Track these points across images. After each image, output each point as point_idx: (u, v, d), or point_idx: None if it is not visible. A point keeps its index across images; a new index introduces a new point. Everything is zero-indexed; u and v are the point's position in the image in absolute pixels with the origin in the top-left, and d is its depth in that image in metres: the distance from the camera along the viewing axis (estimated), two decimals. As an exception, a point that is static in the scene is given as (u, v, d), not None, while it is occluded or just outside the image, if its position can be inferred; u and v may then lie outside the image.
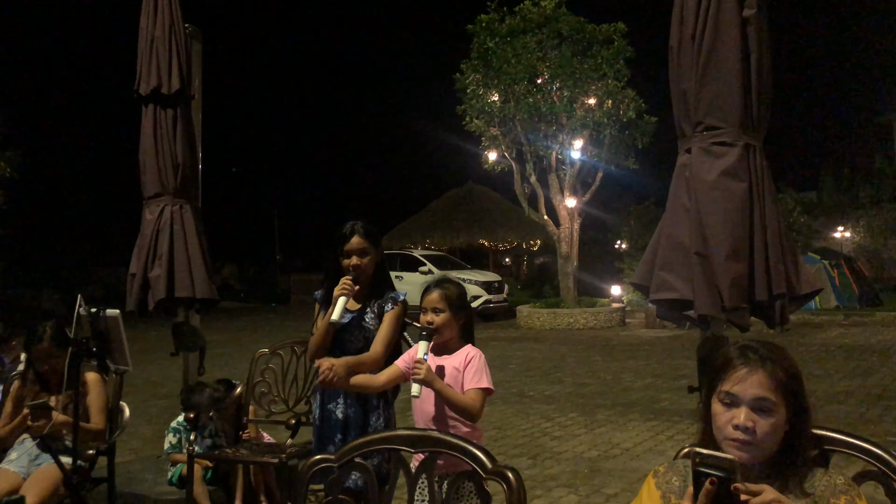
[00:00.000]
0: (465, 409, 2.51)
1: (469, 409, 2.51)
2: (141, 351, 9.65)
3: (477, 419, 2.55)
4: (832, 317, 15.35)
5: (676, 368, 9.67)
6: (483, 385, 2.55)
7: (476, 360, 2.59)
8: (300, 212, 54.21)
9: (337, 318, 2.83)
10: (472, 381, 2.55)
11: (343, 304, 2.85)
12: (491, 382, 2.59)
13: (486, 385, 2.56)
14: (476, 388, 2.54)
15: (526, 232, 24.02)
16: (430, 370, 2.53)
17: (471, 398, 2.53)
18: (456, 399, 2.52)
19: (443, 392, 2.52)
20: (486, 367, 2.61)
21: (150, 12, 4.12)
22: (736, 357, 1.54)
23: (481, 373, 2.57)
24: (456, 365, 2.60)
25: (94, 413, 3.53)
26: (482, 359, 2.61)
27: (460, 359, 2.61)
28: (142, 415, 6.98)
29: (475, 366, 2.58)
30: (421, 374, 2.50)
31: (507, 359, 11.10)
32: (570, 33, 15.41)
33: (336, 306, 2.83)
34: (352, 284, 2.88)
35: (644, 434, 6.18)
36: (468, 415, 2.52)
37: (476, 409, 2.52)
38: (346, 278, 2.88)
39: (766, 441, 1.48)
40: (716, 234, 2.54)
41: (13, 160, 17.68)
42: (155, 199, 4.06)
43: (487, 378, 2.57)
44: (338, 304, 2.83)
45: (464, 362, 2.59)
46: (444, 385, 2.54)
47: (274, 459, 3.64)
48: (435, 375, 2.54)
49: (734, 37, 2.59)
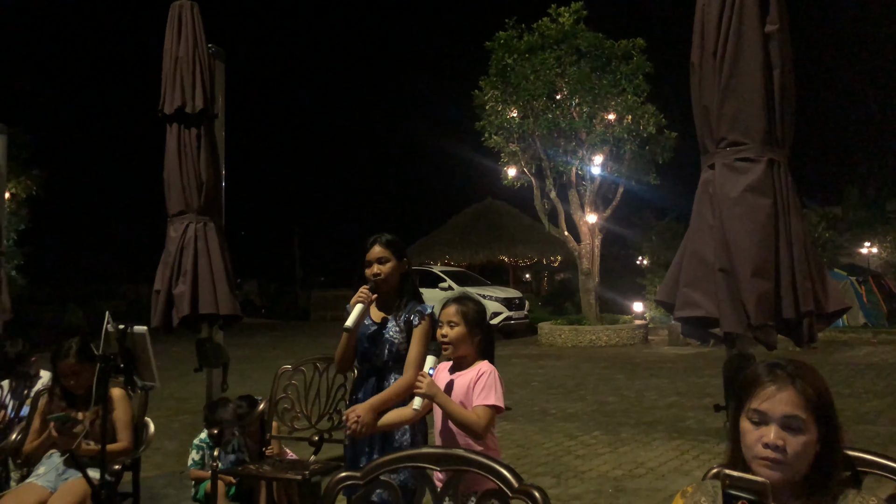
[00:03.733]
0: (468, 425, 2.47)
1: (472, 426, 2.46)
2: (164, 367, 9.72)
3: (482, 437, 2.48)
4: (860, 334, 15.07)
5: (701, 386, 9.55)
6: (490, 402, 2.49)
7: (486, 377, 2.55)
8: (321, 228, 54.56)
9: (351, 325, 2.84)
10: (479, 398, 2.51)
11: (358, 312, 2.86)
12: (501, 400, 2.52)
13: (494, 402, 2.50)
14: (482, 404, 2.49)
15: (546, 248, 23.94)
16: (433, 384, 2.51)
17: (476, 414, 2.48)
18: (459, 414, 2.49)
19: (446, 407, 2.50)
20: (498, 383, 2.55)
21: (174, 33, 4.20)
22: (765, 374, 1.52)
23: (490, 389, 2.51)
24: (468, 381, 2.58)
25: (120, 430, 3.56)
26: (493, 375, 2.56)
27: (472, 374, 2.59)
28: (165, 430, 7.03)
29: (484, 382, 2.53)
30: (422, 387, 2.49)
31: (529, 376, 11.03)
32: (589, 49, 15.43)
33: (352, 313, 2.85)
34: (368, 293, 2.89)
35: (669, 453, 6.10)
36: (471, 431, 2.47)
37: (480, 426, 2.46)
38: (364, 287, 2.90)
39: (797, 461, 1.45)
40: (741, 251, 2.51)
41: (39, 179, 18.03)
42: (179, 217, 4.12)
43: (496, 395, 2.51)
44: (354, 311, 2.85)
45: (475, 378, 2.56)
46: (447, 399, 2.52)
47: (297, 476, 3.64)
48: (438, 389, 2.52)
49: (756, 52, 2.58)
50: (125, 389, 3.60)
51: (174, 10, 4.24)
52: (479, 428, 2.46)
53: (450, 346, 2.63)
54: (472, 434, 2.48)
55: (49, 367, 3.81)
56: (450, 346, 2.62)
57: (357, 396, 3.06)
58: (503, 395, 2.56)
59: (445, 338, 2.61)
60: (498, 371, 2.64)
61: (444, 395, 2.53)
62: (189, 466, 4.20)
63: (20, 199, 17.61)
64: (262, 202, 51.25)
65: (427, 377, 2.51)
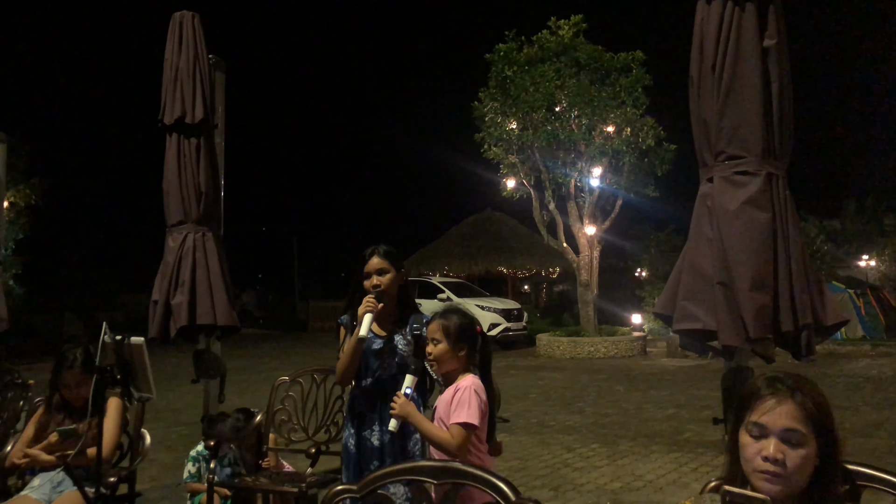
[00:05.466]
0: (441, 444, 2.43)
1: (445, 445, 2.41)
2: (161, 378, 9.68)
3: (458, 455, 2.40)
4: (858, 347, 15.06)
5: (699, 399, 9.52)
6: (461, 419, 2.40)
7: (462, 393, 2.47)
8: (319, 239, 54.56)
9: (365, 334, 2.81)
10: (453, 415, 2.45)
11: (369, 321, 2.83)
12: (474, 416, 2.42)
13: (465, 419, 2.40)
14: (455, 422, 2.42)
15: (545, 259, 23.93)
16: (407, 404, 2.49)
17: (449, 433, 2.43)
18: (432, 434, 2.46)
19: (420, 427, 2.49)
20: (475, 399, 2.46)
21: (175, 43, 4.22)
22: (764, 387, 1.52)
23: (464, 406, 2.43)
24: (449, 397, 2.53)
25: (107, 436, 3.51)
26: (469, 391, 2.47)
27: (452, 390, 2.54)
28: (162, 442, 6.99)
29: (459, 398, 2.47)
30: (395, 408, 2.47)
31: (527, 388, 11.00)
32: (588, 62, 15.51)
33: (363, 322, 2.81)
34: (375, 302, 2.88)
35: (667, 466, 6.07)
36: (446, 451, 2.42)
37: (453, 445, 2.39)
38: (370, 297, 2.89)
39: (797, 474, 1.45)
40: (739, 264, 2.52)
41: (38, 188, 18.04)
42: (178, 227, 4.12)
43: (468, 411, 2.42)
44: (364, 321, 2.81)
45: (453, 394, 2.51)
46: (421, 419, 2.50)
47: (294, 488, 3.62)
48: (412, 409, 2.51)
49: (755, 66, 2.59)
50: (122, 400, 3.57)
51: (175, 20, 4.25)
52: (452, 447, 2.40)
53: (434, 364, 2.61)
54: (448, 453, 2.42)
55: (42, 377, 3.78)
56: (434, 363, 2.60)
57: (360, 410, 3.03)
58: (480, 411, 2.46)
59: (430, 355, 2.59)
60: (495, 382, 2.62)
61: (417, 416, 2.50)
62: (184, 479, 4.17)
63: (19, 208, 17.61)
64: (261, 212, 51.28)
65: (401, 398, 2.49)
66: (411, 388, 2.54)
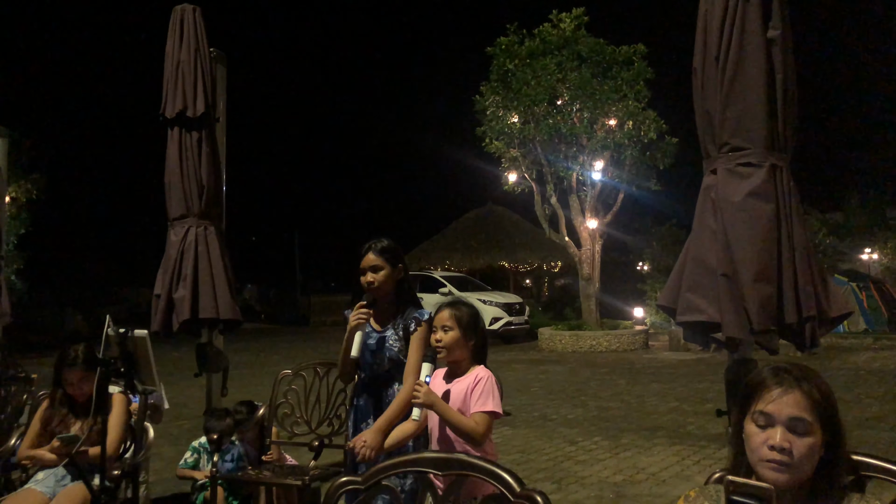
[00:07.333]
0: (467, 432, 2.46)
1: (471, 433, 2.45)
2: (164, 372, 9.71)
3: (481, 443, 2.47)
4: (861, 340, 15.04)
5: (702, 392, 9.52)
6: (488, 408, 2.48)
7: (483, 382, 2.53)
8: (321, 233, 54.56)
9: (356, 354, 2.86)
10: (477, 404, 2.50)
11: (360, 340, 2.87)
12: (499, 405, 2.52)
13: (492, 408, 2.49)
14: (480, 411, 2.48)
15: (547, 253, 23.92)
16: (431, 393, 2.50)
17: (474, 421, 2.47)
18: (458, 422, 2.47)
19: (445, 415, 2.49)
20: (496, 389, 2.54)
21: (176, 37, 4.21)
22: (770, 377, 1.51)
23: (488, 395, 2.50)
24: (465, 387, 2.56)
25: (111, 434, 3.52)
26: (491, 380, 2.55)
27: (469, 381, 2.57)
28: (164, 436, 7.00)
29: (482, 388, 2.52)
30: (419, 397, 2.47)
31: (529, 382, 11.01)
32: (590, 55, 15.45)
33: (354, 342, 2.86)
34: (368, 311, 2.88)
35: (670, 459, 6.07)
36: (471, 439, 2.46)
37: (479, 433, 2.45)
38: (361, 305, 2.89)
39: (803, 463, 1.45)
40: (743, 256, 2.51)
41: (39, 182, 18.05)
42: (180, 221, 4.12)
43: (494, 401, 2.50)
44: (355, 341, 2.86)
45: (472, 384, 2.54)
46: (446, 408, 2.50)
47: (297, 481, 3.62)
48: (436, 398, 2.51)
49: (759, 58, 2.58)
50: (125, 394, 3.58)
51: (176, 14, 4.25)
52: (478, 435, 2.45)
53: (444, 351, 2.62)
54: (472, 441, 2.46)
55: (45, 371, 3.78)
56: (444, 350, 2.61)
57: (358, 403, 3.05)
58: (500, 401, 2.55)
59: (440, 342, 2.60)
60: (496, 376, 2.63)
61: (442, 404, 2.51)
62: (179, 465, 4.18)
63: (20, 203, 17.62)
64: (262, 206, 51.22)
65: (424, 386, 2.50)
66: (430, 376, 2.54)
